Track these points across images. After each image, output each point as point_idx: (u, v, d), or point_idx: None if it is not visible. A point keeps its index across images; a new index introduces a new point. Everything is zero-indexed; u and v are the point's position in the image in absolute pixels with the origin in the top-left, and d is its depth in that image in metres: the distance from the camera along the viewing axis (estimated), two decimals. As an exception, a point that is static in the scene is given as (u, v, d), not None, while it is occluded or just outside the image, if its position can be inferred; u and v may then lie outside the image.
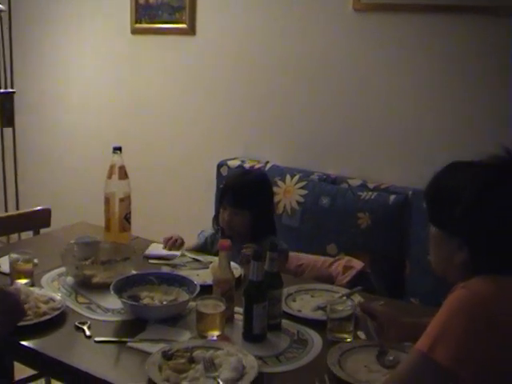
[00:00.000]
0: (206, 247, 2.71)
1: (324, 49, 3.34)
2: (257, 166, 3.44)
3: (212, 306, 1.90)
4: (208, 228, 2.81)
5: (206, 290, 2.05)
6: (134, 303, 1.98)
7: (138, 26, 3.78)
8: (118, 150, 2.53)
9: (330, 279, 2.62)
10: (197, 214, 3.57)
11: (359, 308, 1.91)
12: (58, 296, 2.05)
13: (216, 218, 2.72)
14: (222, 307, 1.89)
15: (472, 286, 1.45)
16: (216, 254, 2.54)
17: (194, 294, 2.01)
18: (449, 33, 3.00)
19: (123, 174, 2.54)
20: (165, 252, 2.52)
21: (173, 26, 3.66)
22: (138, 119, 3.95)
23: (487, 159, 1.57)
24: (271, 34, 3.47)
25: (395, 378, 1.47)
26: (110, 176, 2.54)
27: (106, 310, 2.04)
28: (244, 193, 2.58)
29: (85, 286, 2.18)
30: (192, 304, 2.01)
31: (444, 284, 2.76)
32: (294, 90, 3.46)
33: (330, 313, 1.94)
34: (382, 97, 3.22)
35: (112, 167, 2.53)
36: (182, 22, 3.63)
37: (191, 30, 3.63)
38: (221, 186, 3.41)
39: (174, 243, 2.56)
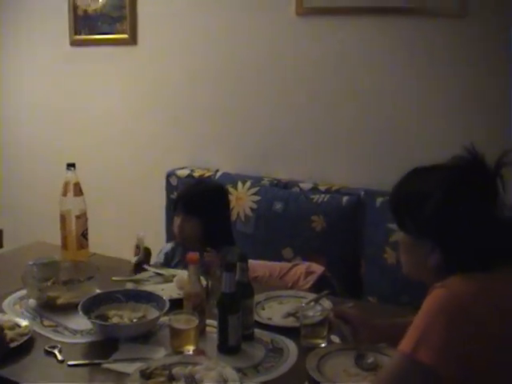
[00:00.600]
0: (167, 264, 2.71)
1: (268, 53, 3.36)
2: (207, 174, 3.42)
3: (185, 321, 1.88)
4: (165, 244, 2.83)
5: (174, 304, 2.04)
6: (104, 323, 1.95)
7: (77, 37, 3.70)
8: (71, 166, 2.48)
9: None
10: (150, 226, 3.53)
11: (332, 313, 1.93)
12: (23, 321, 1.99)
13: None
14: (195, 322, 1.87)
15: (450, 285, 1.48)
16: (178, 267, 2.58)
17: (164, 310, 1.99)
18: (389, 34, 3.07)
19: (78, 190, 2.49)
20: None
21: (113, 37, 3.60)
22: (86, 133, 3.88)
23: (451, 161, 1.61)
24: (214, 41, 3.47)
25: (381, 380, 1.49)
26: (64, 193, 2.48)
27: (75, 332, 2.00)
28: (194, 199, 2.64)
29: (49, 308, 2.12)
30: (162, 319, 2.00)
31: (401, 282, 2.85)
32: (239, 96, 3.46)
33: (302, 319, 1.96)
34: (327, 99, 3.26)
35: (66, 184, 2.48)
36: (122, 33, 3.58)
37: (132, 40, 3.59)
38: (172, 196, 3.42)
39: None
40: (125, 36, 3.59)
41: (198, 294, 1.98)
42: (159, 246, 3.38)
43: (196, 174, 3.43)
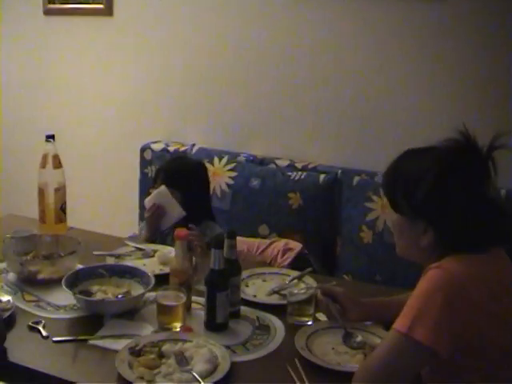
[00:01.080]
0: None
1: (247, 31, 3.31)
2: (181, 148, 3.39)
3: (173, 298, 1.87)
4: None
5: (157, 279, 2.02)
6: (90, 299, 1.92)
7: (50, 6, 3.60)
8: (51, 138, 2.42)
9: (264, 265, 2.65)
10: (124, 199, 3.50)
11: (320, 291, 1.94)
12: (5, 296, 1.94)
13: None
14: (183, 298, 1.86)
15: (446, 265, 1.49)
16: (156, 242, 2.55)
17: (150, 286, 1.97)
18: (372, 16, 3.05)
19: (57, 163, 2.44)
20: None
21: (88, 7, 3.52)
22: (62, 104, 3.79)
23: (445, 143, 1.61)
24: (191, 15, 3.41)
25: (376, 359, 1.50)
26: (43, 165, 2.43)
27: (57, 307, 1.96)
28: (175, 174, 2.63)
29: (29, 282, 2.09)
30: (146, 295, 1.98)
31: (376, 261, 2.88)
32: (216, 70, 3.41)
33: (289, 296, 1.96)
34: (305, 78, 3.24)
35: (45, 156, 2.43)
36: (98, 3, 3.49)
37: (108, 11, 3.51)
38: (145, 170, 3.38)
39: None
40: (100, 6, 3.50)
41: (185, 270, 1.97)
42: (132, 219, 3.38)
43: (171, 148, 3.39)
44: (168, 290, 1.90)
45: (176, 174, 2.64)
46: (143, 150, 3.43)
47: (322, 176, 3.05)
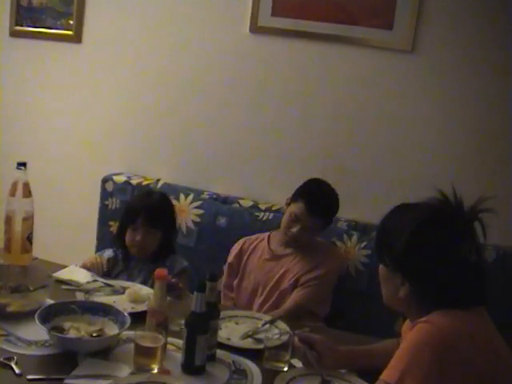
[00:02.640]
0: (108, 270, 2.64)
1: (218, 67, 3.34)
2: (144, 182, 3.36)
3: (150, 339, 1.84)
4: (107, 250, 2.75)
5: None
6: (67, 337, 1.87)
7: (18, 28, 3.54)
8: (22, 165, 2.36)
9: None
10: (83, 230, 3.43)
11: (297, 338, 1.95)
12: (-26, 329, 1.87)
13: (118, 239, 2.65)
14: (162, 340, 1.84)
15: (434, 321, 1.54)
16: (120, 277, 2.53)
17: (126, 326, 1.94)
18: (334, 61, 3.15)
19: (27, 191, 2.37)
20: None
21: (57, 32, 3.47)
22: (26, 129, 3.70)
23: (426, 201, 1.69)
24: (162, 48, 3.41)
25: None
26: (12, 193, 2.35)
27: (29, 343, 1.90)
28: (157, 212, 2.62)
29: (-3, 315, 2.02)
30: (121, 334, 1.95)
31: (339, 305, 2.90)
32: (182, 106, 3.42)
33: (266, 341, 1.96)
34: (269, 118, 3.28)
35: (15, 184, 2.35)
36: (67, 29, 3.46)
37: (77, 38, 3.47)
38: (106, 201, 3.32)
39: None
40: (69, 33, 3.46)
41: (163, 310, 1.94)
42: (90, 251, 3.31)
43: (133, 181, 3.35)
44: (146, 331, 1.87)
45: (158, 212, 2.63)
46: (105, 181, 3.38)
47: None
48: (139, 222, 2.56)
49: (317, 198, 2.71)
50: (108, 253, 2.70)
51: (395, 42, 3.01)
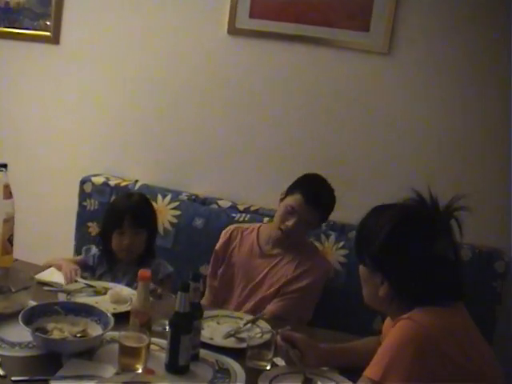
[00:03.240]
0: (91, 267, 2.66)
1: (195, 68, 3.35)
2: (123, 183, 3.36)
3: (135, 339, 1.86)
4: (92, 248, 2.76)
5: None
6: (51, 338, 1.87)
7: (-7, 28, 3.52)
8: (2, 167, 2.37)
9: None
10: (62, 232, 3.42)
11: (279, 336, 1.97)
12: (-42, 331, 1.87)
13: (103, 240, 2.65)
14: (146, 340, 1.85)
15: (415, 317, 1.58)
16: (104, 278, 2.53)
17: (110, 327, 1.95)
18: (312, 62, 3.17)
19: (8, 193, 2.38)
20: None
21: (35, 33, 3.46)
22: (5, 132, 3.66)
23: (402, 202, 1.74)
24: (140, 50, 3.41)
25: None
26: (-7, 195, 2.36)
27: (12, 345, 1.90)
28: (142, 212, 2.63)
29: (-20, 317, 2.02)
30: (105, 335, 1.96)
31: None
32: (160, 107, 3.42)
33: (249, 340, 1.99)
34: (247, 120, 3.31)
35: (-5, 186, 2.36)
36: (45, 30, 3.44)
37: (55, 39, 3.46)
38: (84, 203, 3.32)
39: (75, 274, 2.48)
40: (47, 34, 3.45)
41: (147, 311, 1.96)
42: (67, 252, 3.30)
43: (112, 183, 3.35)
44: (129, 331, 1.88)
45: (144, 214, 2.64)
46: (83, 182, 3.37)
47: (266, 219, 3.10)
48: (125, 224, 2.55)
49: (315, 188, 2.63)
50: (93, 251, 2.71)
51: (372, 43, 3.05)
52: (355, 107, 3.14)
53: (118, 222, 2.56)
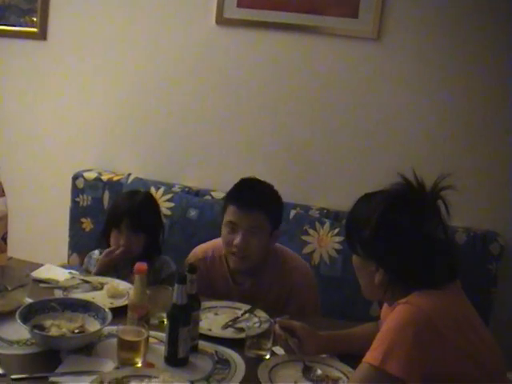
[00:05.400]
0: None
1: (184, 59, 3.35)
2: (115, 178, 3.35)
3: (133, 333, 1.85)
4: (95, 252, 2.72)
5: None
6: (48, 335, 1.87)
7: (-22, 25, 3.49)
8: (-6, 165, 2.35)
9: None
10: (55, 229, 3.41)
11: (278, 325, 1.97)
12: (-45, 331, 1.86)
13: (105, 240, 2.62)
14: (144, 333, 1.85)
15: (413, 301, 1.58)
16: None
17: (108, 322, 1.94)
18: (303, 50, 3.18)
19: (0, 191, 2.37)
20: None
21: (21, 30, 3.44)
22: None
23: (390, 187, 1.73)
24: (128, 43, 3.40)
25: (349, 392, 1.56)
26: (-15, 193, 2.35)
27: (11, 343, 1.90)
28: (141, 215, 2.54)
29: (-23, 316, 2.01)
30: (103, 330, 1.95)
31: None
32: (151, 100, 3.42)
33: (248, 330, 1.99)
34: (239, 110, 3.31)
35: (-12, 184, 2.35)
36: (31, 26, 3.42)
37: (42, 35, 3.44)
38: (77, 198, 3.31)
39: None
40: (34, 30, 3.43)
41: (144, 304, 1.96)
42: (62, 248, 3.30)
43: (104, 177, 3.35)
44: (128, 326, 1.88)
45: (142, 217, 2.55)
46: (75, 178, 3.36)
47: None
48: (123, 225, 2.51)
49: (244, 192, 2.41)
50: (96, 253, 2.68)
51: (361, 30, 3.05)
52: (345, 94, 3.14)
53: (117, 222, 2.53)
